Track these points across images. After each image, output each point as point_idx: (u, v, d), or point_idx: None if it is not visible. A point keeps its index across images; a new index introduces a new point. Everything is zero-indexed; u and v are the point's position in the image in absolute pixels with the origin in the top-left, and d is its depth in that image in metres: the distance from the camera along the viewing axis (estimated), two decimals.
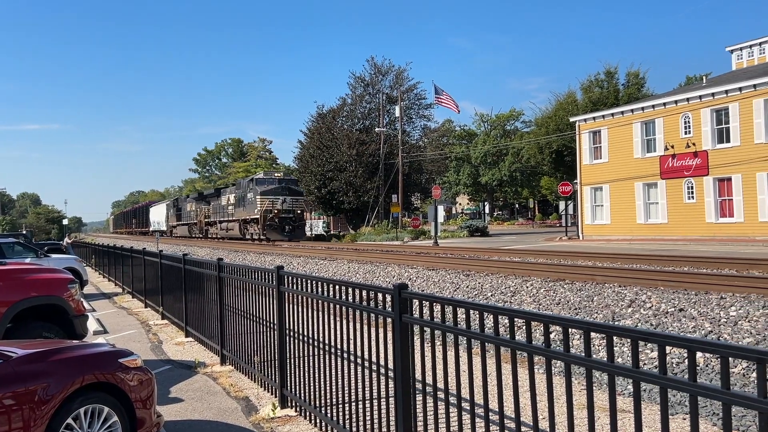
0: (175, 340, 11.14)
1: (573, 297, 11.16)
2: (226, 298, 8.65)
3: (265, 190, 46.01)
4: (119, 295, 19.11)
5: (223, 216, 54.31)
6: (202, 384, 7.93)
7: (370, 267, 19.52)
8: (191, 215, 64.82)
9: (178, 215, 70.13)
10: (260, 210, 45.22)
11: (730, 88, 31.33)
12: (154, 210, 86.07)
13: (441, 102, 48.19)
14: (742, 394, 2.32)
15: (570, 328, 3.14)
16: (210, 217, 58.57)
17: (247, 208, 47.75)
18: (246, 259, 28.06)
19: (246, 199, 48.14)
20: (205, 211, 60.07)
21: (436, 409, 4.07)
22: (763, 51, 37.49)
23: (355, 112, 62.27)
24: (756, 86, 30.24)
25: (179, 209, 70.50)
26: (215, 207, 57.01)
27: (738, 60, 38.80)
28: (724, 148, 31.71)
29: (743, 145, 30.78)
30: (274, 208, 45.34)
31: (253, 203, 46.59)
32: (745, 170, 30.67)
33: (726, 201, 31.99)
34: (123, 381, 4.90)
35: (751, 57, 38.01)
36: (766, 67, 34.61)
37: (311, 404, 5.95)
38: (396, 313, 4.40)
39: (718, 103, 31.95)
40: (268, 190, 46.00)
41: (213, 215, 57.75)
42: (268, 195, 45.70)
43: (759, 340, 7.39)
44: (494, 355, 3.56)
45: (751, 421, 5.57)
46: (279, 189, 46.31)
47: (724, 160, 31.50)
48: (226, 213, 53.22)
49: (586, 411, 2.96)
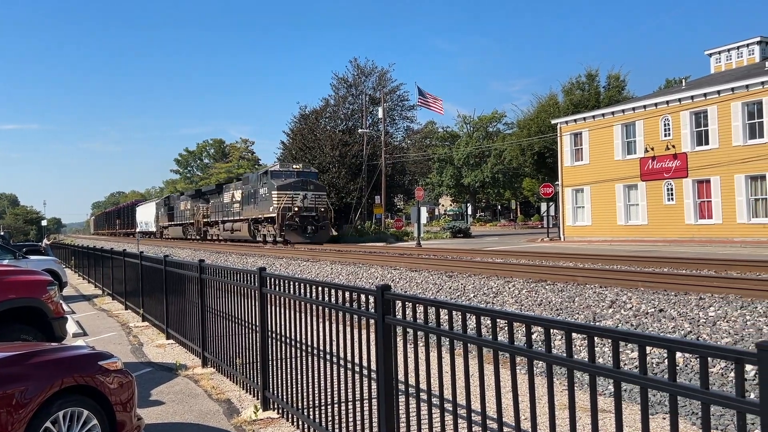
0: (155, 342, 11.05)
1: (554, 298, 11.23)
2: (207, 300, 8.59)
3: (283, 184, 38.96)
4: (99, 297, 18.91)
5: (226, 215, 47.50)
6: (183, 386, 7.87)
7: (353, 268, 19.50)
8: (186, 215, 58.23)
9: (170, 215, 63.76)
10: (277, 207, 38.27)
11: (709, 91, 31.74)
12: (142, 209, 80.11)
13: (423, 104, 48.30)
14: (721, 394, 2.35)
15: (551, 328, 3.16)
16: (210, 216, 52.08)
17: (260, 205, 40.95)
18: (228, 260, 27.91)
19: (258, 195, 41.49)
20: (203, 210, 53.55)
21: (419, 410, 4.08)
22: (740, 55, 38.04)
23: (338, 113, 62.23)
24: (734, 89, 30.67)
25: (171, 208, 63.94)
26: (216, 205, 50.39)
27: (716, 63, 39.32)
28: (703, 151, 32.11)
29: (722, 148, 31.20)
30: (293, 205, 38.39)
31: (267, 200, 39.75)
32: (724, 172, 31.08)
33: (705, 203, 32.40)
34: (103, 384, 4.85)
35: (729, 60, 38.54)
36: (744, 70, 35.12)
37: (294, 406, 5.93)
38: (379, 314, 4.40)
39: (697, 106, 32.36)
40: (286, 185, 39.01)
41: (213, 214, 51.13)
42: (286, 190, 38.70)
43: (737, 340, 7.48)
44: (477, 356, 3.57)
45: (729, 420, 5.64)
46: (299, 183, 39.46)
47: (703, 162, 31.90)
48: (231, 211, 46.57)
49: (568, 411, 2.98)
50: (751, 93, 30.07)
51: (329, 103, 62.75)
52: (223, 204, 48.48)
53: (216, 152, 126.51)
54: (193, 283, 9.12)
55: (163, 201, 69.09)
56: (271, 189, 39.38)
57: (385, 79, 61.62)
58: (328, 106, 62.61)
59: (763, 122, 29.78)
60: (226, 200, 48.01)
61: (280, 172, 40.91)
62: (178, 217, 60.79)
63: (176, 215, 61.88)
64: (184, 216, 58.68)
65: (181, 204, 60.22)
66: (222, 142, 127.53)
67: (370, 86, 61.81)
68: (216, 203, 50.54)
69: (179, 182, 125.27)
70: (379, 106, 55.17)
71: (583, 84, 53.85)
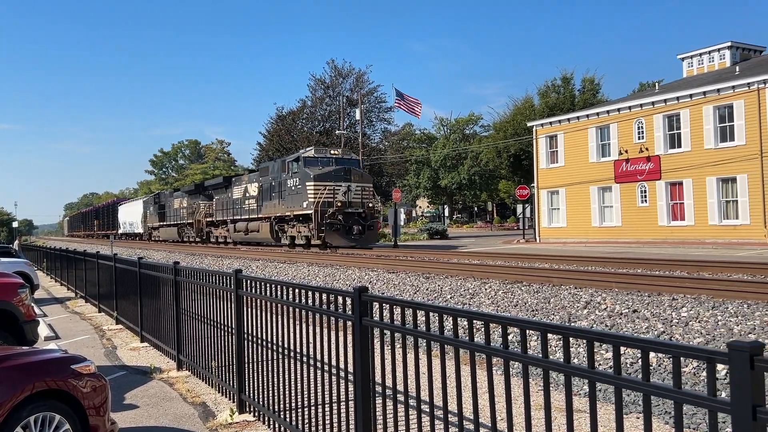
0: (130, 345, 10.91)
1: (530, 299, 11.31)
2: (182, 303, 8.51)
3: (321, 173, 30.87)
4: (72, 300, 18.63)
5: (237, 213, 39.86)
6: (158, 390, 7.78)
7: (330, 270, 19.46)
8: (181, 214, 50.76)
9: (161, 214, 56.47)
10: (314, 202, 30.07)
11: (682, 95, 32.26)
12: (126, 208, 72.41)
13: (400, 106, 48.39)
14: (693, 393, 2.38)
15: (527, 329, 3.18)
16: (214, 215, 44.64)
17: (287, 200, 32.97)
18: (203, 262, 27.68)
19: (284, 188, 33.53)
20: (205, 208, 46.07)
21: (396, 411, 4.08)
22: (712, 59, 38.71)
23: (315, 114, 62.16)
24: (705, 93, 31.20)
25: (162, 207, 56.60)
26: (223, 202, 42.75)
27: (689, 67, 39.97)
28: (675, 153, 32.61)
29: (694, 151, 31.72)
30: (335, 199, 30.22)
31: (298, 193, 31.73)
32: (696, 175, 31.60)
33: (677, 204, 32.90)
34: (75, 388, 4.78)
35: (701, 65, 39.20)
36: (716, 74, 35.74)
37: (270, 409, 5.89)
38: (356, 316, 4.39)
39: (669, 110, 32.86)
40: (325, 174, 30.83)
41: (219, 212, 43.60)
42: (324, 180, 30.51)
43: (709, 340, 7.60)
44: (454, 357, 3.58)
45: (701, 419, 5.72)
46: (340, 172, 31.18)
47: (676, 164, 32.40)
48: (244, 209, 38.75)
49: (543, 411, 3.00)
50: (723, 97, 30.61)
51: (306, 104, 62.69)
52: (232, 200, 40.92)
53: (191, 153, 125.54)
54: (168, 285, 9.02)
55: (152, 199, 61.68)
56: (304, 179, 31.17)
57: (363, 80, 61.79)
58: (306, 107, 62.51)
59: (733, 126, 30.33)
60: (236, 195, 40.39)
61: (315, 159, 32.26)
62: (172, 216, 53.51)
63: (169, 214, 54.68)
64: (179, 215, 51.52)
65: (175, 201, 53.09)
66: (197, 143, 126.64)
67: (348, 88, 61.90)
68: (223, 199, 43.00)
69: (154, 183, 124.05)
70: (357, 107, 55.19)
71: (558, 87, 54.41)
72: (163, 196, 58.83)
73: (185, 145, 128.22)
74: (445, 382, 3.66)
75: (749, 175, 29.66)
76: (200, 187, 49.42)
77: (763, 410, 2.12)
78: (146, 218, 61.16)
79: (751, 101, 29.51)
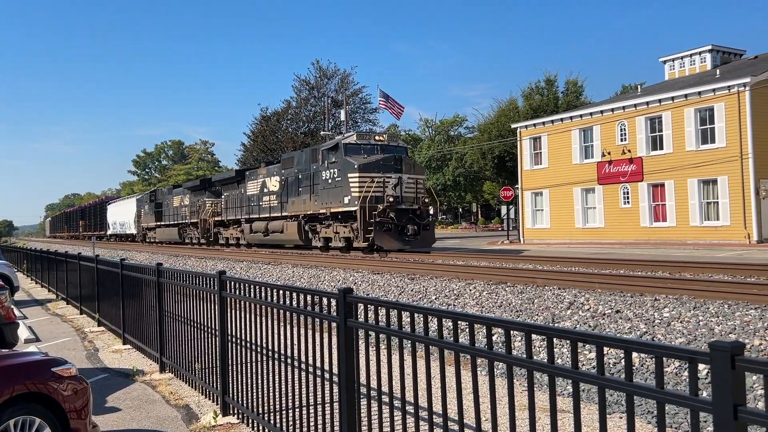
0: (112, 347, 10.81)
1: (514, 299, 11.36)
2: (165, 304, 8.44)
3: (366, 162, 25.68)
4: (53, 302, 18.42)
5: (254, 211, 34.52)
6: (141, 392, 7.72)
7: (315, 271, 19.42)
8: (182, 213, 45.42)
9: (158, 213, 51.21)
10: (359, 197, 24.92)
11: (663, 98, 32.58)
12: (116, 208, 67.14)
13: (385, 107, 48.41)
14: (675, 393, 2.40)
15: (512, 330, 3.19)
16: (223, 213, 39.38)
17: (323, 195, 27.59)
18: (187, 263, 27.51)
19: (317, 181, 28.16)
20: (211, 205, 40.89)
21: (380, 413, 4.07)
22: (693, 62, 39.14)
23: (299, 115, 61.94)
24: (687, 96, 31.53)
25: (159, 205, 51.44)
26: (236, 198, 37.31)
27: (671, 70, 40.37)
28: (657, 155, 32.93)
29: (675, 152, 32.04)
30: (385, 194, 25.15)
31: (339, 186, 26.39)
32: (677, 176, 31.92)
33: (659, 206, 33.22)
34: (56, 391, 4.72)
35: (683, 68, 39.62)
36: (697, 77, 36.15)
37: (254, 411, 5.86)
38: (341, 317, 4.38)
39: (651, 112, 33.17)
40: (371, 164, 25.64)
41: (231, 211, 38.13)
42: (371, 171, 25.38)
43: (690, 340, 7.68)
44: (438, 358, 3.59)
45: (683, 418, 5.78)
46: (389, 161, 25.90)
47: (658, 166, 32.71)
48: (262, 206, 33.58)
49: (528, 412, 3.01)
50: (704, 99, 30.95)
51: (291, 105, 62.44)
52: (247, 196, 35.65)
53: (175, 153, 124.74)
54: (151, 286, 8.95)
55: (147, 197, 56.25)
56: (346, 170, 25.96)
57: (348, 81, 61.64)
58: (290, 108, 62.28)
59: (714, 128, 30.68)
60: (251, 191, 35.20)
61: (357, 146, 26.87)
62: (171, 215, 48.31)
63: (167, 213, 49.24)
64: (179, 214, 46.13)
65: (175, 199, 47.51)
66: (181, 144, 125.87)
67: (333, 88, 61.74)
68: (235, 196, 37.62)
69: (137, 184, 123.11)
70: (342, 108, 55.11)
71: (542, 89, 54.73)
72: (160, 194, 53.43)
73: (168, 145, 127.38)
74: (430, 383, 3.66)
75: (730, 177, 30.01)
76: (206, 182, 43.94)
77: (744, 410, 2.14)
78: (140, 218, 56.17)
79: (732, 104, 29.87)
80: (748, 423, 2.15)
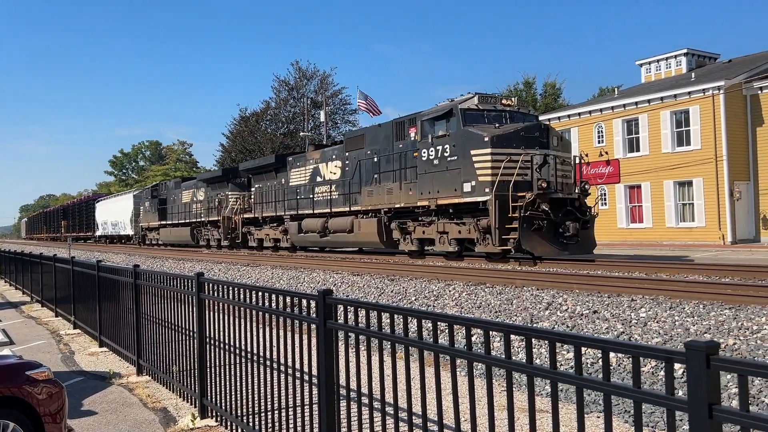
0: (88, 350, 10.67)
1: (494, 300, 11.41)
2: (143, 306, 8.36)
3: (501, 134, 18.48)
4: (27, 304, 18.14)
5: (302, 206, 27.48)
6: (117, 395, 7.63)
7: (295, 273, 19.34)
8: (195, 210, 38.81)
9: (162, 211, 44.19)
10: (491, 182, 17.93)
11: (640, 100, 32.99)
12: (106, 206, 59.64)
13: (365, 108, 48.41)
14: (652, 392, 2.43)
15: (491, 330, 3.21)
16: (255, 209, 32.25)
17: (425, 181, 20.24)
18: (164, 265, 27.26)
19: (416, 161, 20.70)
20: (239, 201, 33.86)
21: (360, 414, 4.07)
22: (669, 65, 39.68)
23: (279, 115, 61.72)
24: (663, 99, 31.97)
25: (163, 201, 44.28)
26: (272, 191, 30.36)
27: (647, 73, 40.88)
28: (634, 157, 33.34)
29: (651, 155, 32.46)
30: (534, 179, 18.12)
31: (457, 168, 19.07)
32: (653, 178, 32.34)
33: (636, 207, 33.63)
34: (30, 394, 4.65)
35: (659, 71, 40.15)
36: (673, 80, 36.65)
37: (233, 413, 5.82)
38: (320, 319, 4.37)
39: (628, 114, 33.58)
40: (507, 136, 18.47)
41: (266, 206, 30.97)
42: (506, 146, 18.23)
43: (666, 340, 7.77)
44: (418, 359, 3.59)
45: (659, 417, 5.85)
46: (532, 131, 18.88)
47: (635, 168, 33.11)
48: (317, 200, 26.58)
49: (507, 412, 3.02)
50: (679, 102, 31.40)
51: (270, 106, 62.20)
52: (291, 188, 28.52)
53: (152, 154, 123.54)
54: (128, 289, 8.86)
55: (147, 192, 48.60)
56: (468, 144, 18.82)
57: (327, 82, 61.57)
58: (269, 109, 62.05)
59: (689, 130, 31.14)
60: (297, 181, 28.19)
61: (480, 113, 19.65)
62: (179, 213, 41.15)
63: (174, 211, 42.33)
64: (191, 212, 39.45)
65: (184, 194, 40.76)
66: (158, 144, 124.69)
67: (312, 89, 61.62)
68: (272, 188, 30.48)
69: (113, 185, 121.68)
70: (321, 109, 55.02)
71: (520, 91, 55.14)
72: (164, 188, 45.79)
73: (146, 146, 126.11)
74: (410, 384, 3.66)
75: (705, 179, 30.48)
76: (230, 172, 36.35)
77: (719, 408, 2.17)
78: (138, 216, 49.18)
79: (706, 107, 30.35)
80: (722, 422, 2.18)
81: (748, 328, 7.61)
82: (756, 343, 6.99)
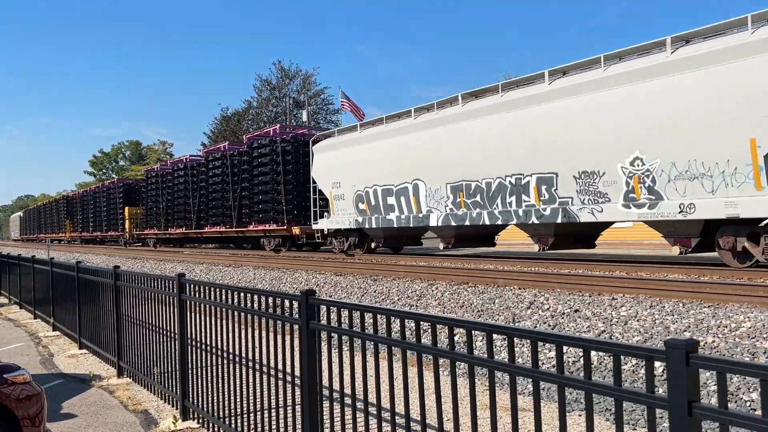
0: (67, 352, 10.55)
1: (476, 300, 11.45)
2: (123, 308, 8.28)
3: None
4: (5, 306, 17.89)
5: None
6: (98, 398, 7.55)
7: (277, 273, 19.26)
8: None
9: None
10: None
11: None
12: None
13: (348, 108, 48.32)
14: (632, 391, 2.45)
15: (473, 330, 3.22)
16: None
17: None
18: (145, 266, 27.01)
19: None
20: None
21: (343, 415, 4.06)
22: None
23: (261, 115, 61.44)
24: None
25: None
26: None
27: None
28: None
29: None
30: None
31: None
32: None
33: None
34: (8, 398, 4.59)
35: None
36: None
37: (214, 415, 5.79)
38: (303, 319, 4.35)
39: None
40: None
41: None
42: None
43: (647, 338, 7.85)
44: (401, 359, 3.59)
45: (640, 415, 5.90)
46: None
47: None
48: None
49: (489, 411, 3.03)
50: None
51: (252, 105, 61.92)
52: None
53: (132, 154, 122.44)
54: (108, 290, 8.77)
55: None
56: None
57: (310, 82, 61.40)
58: (251, 108, 61.77)
59: None
60: None
61: None
62: None
63: None
64: None
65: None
66: (138, 144, 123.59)
67: (294, 89, 61.45)
68: None
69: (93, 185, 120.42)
70: (304, 109, 54.85)
71: None
72: None
73: (126, 146, 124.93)
74: (393, 384, 3.66)
75: None
76: None
77: (699, 405, 2.20)
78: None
79: None
80: (702, 419, 2.20)
81: (726, 326, 7.71)
82: (735, 341, 7.08)
